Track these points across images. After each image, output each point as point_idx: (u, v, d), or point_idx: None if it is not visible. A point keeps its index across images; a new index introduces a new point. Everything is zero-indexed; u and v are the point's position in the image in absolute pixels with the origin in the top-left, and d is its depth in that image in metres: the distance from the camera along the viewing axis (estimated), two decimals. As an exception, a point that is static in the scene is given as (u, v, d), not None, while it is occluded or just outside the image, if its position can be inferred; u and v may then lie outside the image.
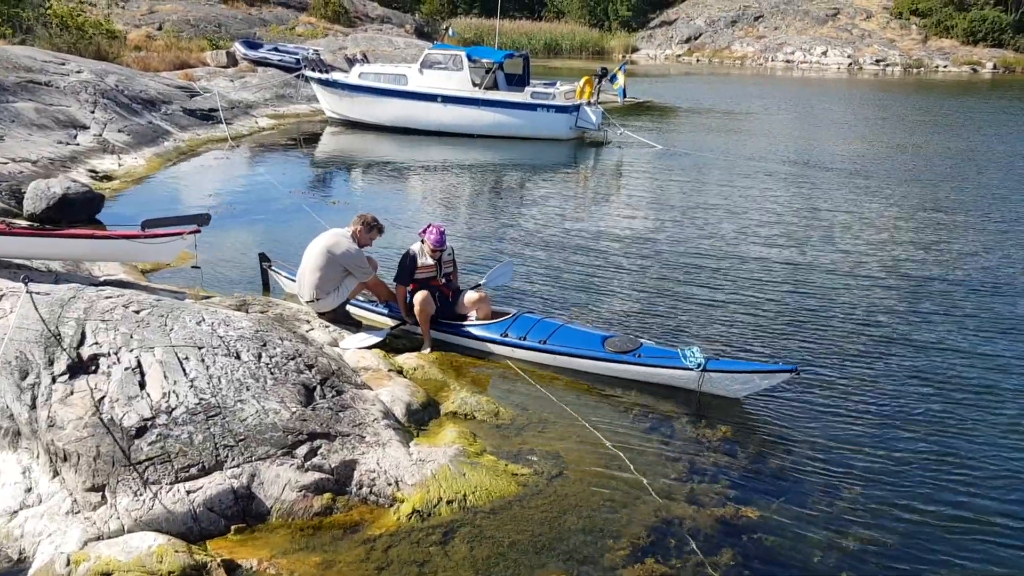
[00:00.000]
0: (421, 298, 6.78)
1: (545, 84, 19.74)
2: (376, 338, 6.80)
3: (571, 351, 6.48)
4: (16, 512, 4.42)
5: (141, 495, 4.39)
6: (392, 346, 6.89)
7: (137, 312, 5.36)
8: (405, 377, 6.24)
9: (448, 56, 19.33)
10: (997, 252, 10.38)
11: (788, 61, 48.97)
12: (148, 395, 4.78)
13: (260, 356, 5.30)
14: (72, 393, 4.74)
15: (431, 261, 6.91)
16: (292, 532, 4.41)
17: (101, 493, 4.41)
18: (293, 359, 5.41)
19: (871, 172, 15.98)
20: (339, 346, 6.60)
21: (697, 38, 53.63)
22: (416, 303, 6.79)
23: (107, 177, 12.98)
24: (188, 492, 4.44)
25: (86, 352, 4.97)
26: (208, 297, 7.30)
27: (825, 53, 48.56)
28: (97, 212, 10.38)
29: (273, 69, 24.78)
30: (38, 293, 5.32)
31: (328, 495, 4.62)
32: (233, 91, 21.58)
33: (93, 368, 4.89)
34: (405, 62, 24.57)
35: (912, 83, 39.89)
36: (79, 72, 16.87)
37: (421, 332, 6.92)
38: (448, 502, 4.65)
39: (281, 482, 4.59)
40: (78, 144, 13.91)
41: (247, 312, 6.56)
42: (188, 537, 4.27)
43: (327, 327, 6.93)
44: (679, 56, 52.34)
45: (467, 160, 17.12)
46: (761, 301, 8.38)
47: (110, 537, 4.21)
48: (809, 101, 30.24)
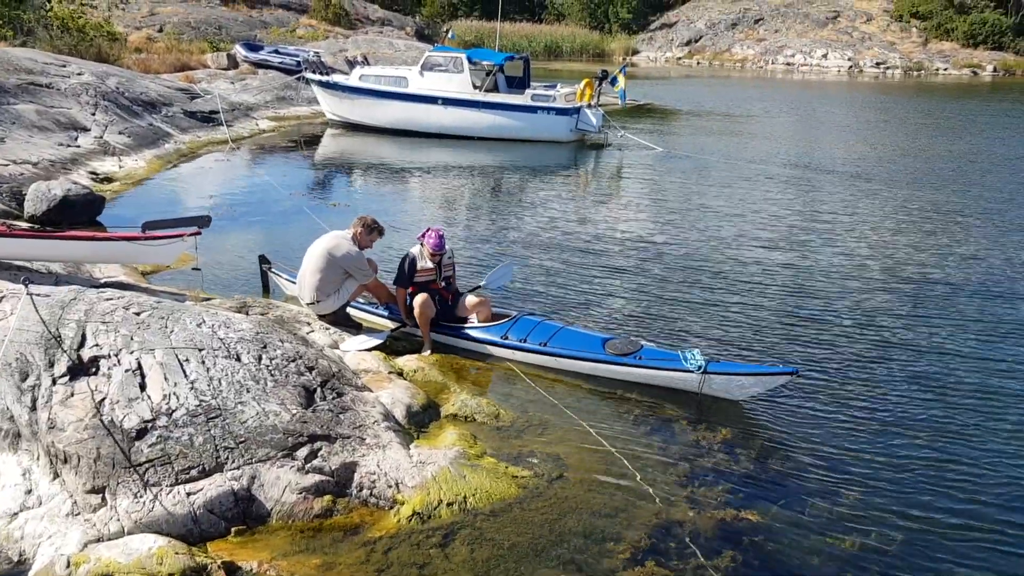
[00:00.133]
0: (421, 301, 6.78)
1: (545, 86, 19.76)
2: (376, 340, 6.80)
3: (572, 353, 6.48)
4: (16, 514, 4.42)
5: (141, 497, 4.39)
6: (392, 348, 6.89)
7: (138, 314, 5.36)
8: (405, 379, 6.24)
9: (449, 58, 19.36)
10: (999, 255, 10.37)
11: (788, 64, 49.05)
12: (148, 397, 4.78)
13: (260, 358, 5.30)
14: (72, 395, 4.74)
15: (431, 264, 6.91)
16: (292, 534, 4.41)
17: (101, 495, 4.41)
18: (293, 361, 5.41)
19: (872, 175, 15.98)
20: (339, 348, 6.60)
21: (697, 41, 53.71)
22: (416, 306, 6.80)
23: (108, 179, 12.99)
24: (188, 494, 4.44)
25: (86, 354, 4.97)
26: (208, 299, 7.31)
27: (825, 56, 48.63)
28: (98, 214, 10.39)
29: (273, 71, 24.85)
30: (39, 295, 5.32)
31: (328, 497, 4.62)
32: (234, 93, 21.61)
33: (93, 370, 4.89)
34: (405, 64, 24.61)
35: (912, 86, 39.93)
36: (80, 74, 16.89)
37: (421, 334, 6.93)
38: (448, 504, 4.65)
39: (281, 484, 4.59)
40: (79, 146, 13.92)
41: (247, 314, 6.56)
42: (188, 539, 4.27)
43: (327, 329, 6.93)
44: (679, 59, 52.42)
45: (467, 162, 17.13)
46: (761, 303, 8.38)
47: (110, 539, 4.21)
48: (810, 104, 30.27)
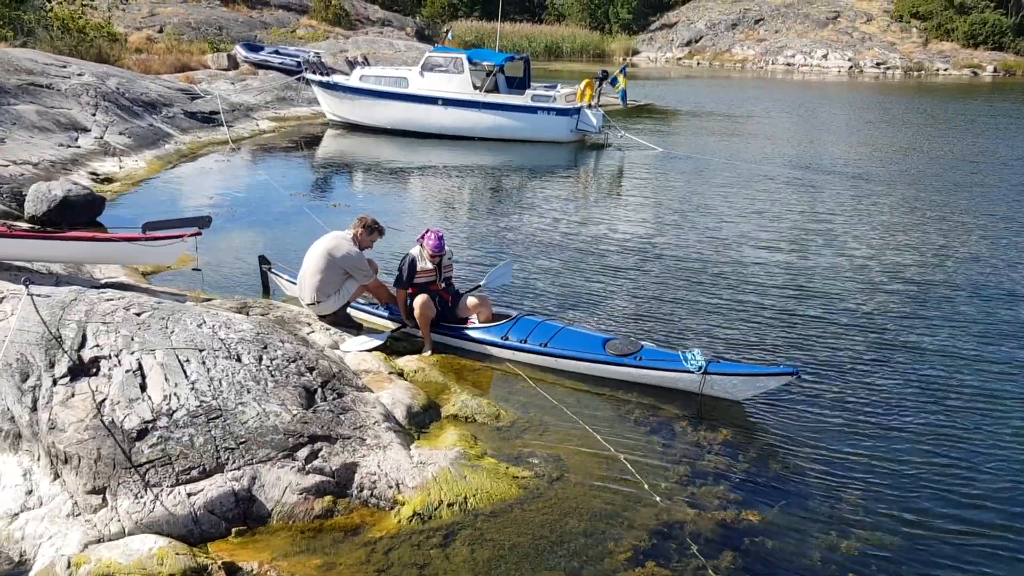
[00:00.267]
0: (421, 301, 6.78)
1: (546, 87, 19.77)
2: (377, 341, 6.80)
3: (572, 354, 6.47)
4: (17, 514, 4.42)
5: (142, 497, 4.39)
6: (393, 349, 6.89)
7: (138, 314, 5.36)
8: (406, 380, 6.23)
9: (449, 59, 19.36)
10: (1000, 256, 10.37)
11: (789, 64, 49.06)
12: (149, 397, 4.78)
13: (261, 359, 5.30)
14: (73, 395, 4.74)
15: (431, 266, 6.92)
16: (293, 535, 4.41)
17: (102, 495, 4.41)
18: (294, 361, 5.41)
19: (872, 176, 15.98)
20: (340, 349, 6.60)
21: (698, 41, 53.72)
22: (416, 307, 6.80)
23: (108, 179, 13.00)
24: (189, 494, 4.44)
25: (87, 354, 4.97)
26: (209, 299, 7.31)
27: (826, 56, 48.63)
28: (98, 214, 10.39)
29: (274, 72, 24.86)
30: (39, 295, 5.32)
31: (329, 498, 4.62)
32: (234, 94, 21.62)
33: (94, 370, 4.89)
34: (406, 65, 24.62)
35: (913, 86, 39.93)
36: (80, 75, 16.89)
37: (422, 335, 6.93)
38: (449, 505, 4.65)
39: (282, 485, 4.59)
40: (79, 146, 13.93)
41: (248, 314, 6.56)
42: (189, 539, 4.27)
43: (328, 330, 6.94)
44: (679, 59, 52.43)
45: (468, 163, 17.14)
46: (762, 304, 8.37)
47: (111, 539, 4.20)
48: (810, 104, 30.27)
